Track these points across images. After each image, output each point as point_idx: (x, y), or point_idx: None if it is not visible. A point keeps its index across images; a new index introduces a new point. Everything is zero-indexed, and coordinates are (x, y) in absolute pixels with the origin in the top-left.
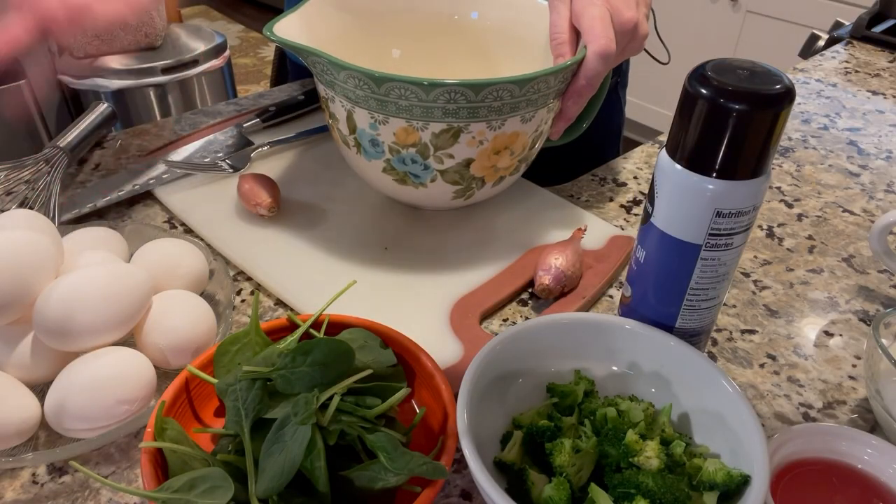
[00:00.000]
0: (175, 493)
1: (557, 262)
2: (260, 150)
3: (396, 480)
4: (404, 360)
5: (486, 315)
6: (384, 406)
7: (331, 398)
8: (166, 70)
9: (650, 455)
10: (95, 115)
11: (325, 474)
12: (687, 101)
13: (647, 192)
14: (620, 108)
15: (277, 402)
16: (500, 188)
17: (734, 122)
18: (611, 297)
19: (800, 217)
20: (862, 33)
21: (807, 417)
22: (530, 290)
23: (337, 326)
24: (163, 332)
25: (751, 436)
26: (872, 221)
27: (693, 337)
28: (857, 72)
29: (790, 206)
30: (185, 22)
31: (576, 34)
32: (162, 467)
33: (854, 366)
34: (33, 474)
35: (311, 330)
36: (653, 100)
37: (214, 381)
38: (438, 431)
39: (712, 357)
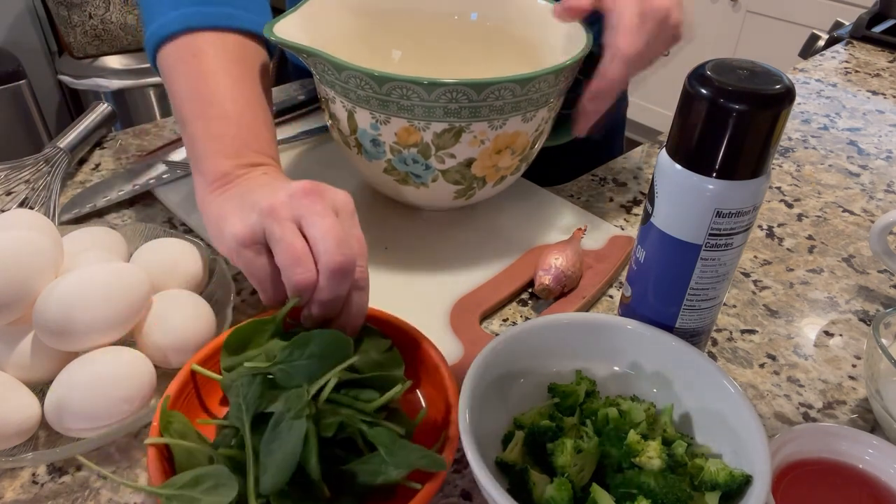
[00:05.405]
0: (179, 489)
1: (557, 262)
2: None
3: (397, 474)
4: (407, 348)
5: (486, 315)
6: (381, 400)
7: (324, 387)
8: None
9: (652, 455)
10: (95, 115)
11: (315, 458)
12: (687, 101)
13: (647, 192)
14: (625, 97)
15: (279, 395)
16: (500, 188)
17: (734, 122)
18: (611, 297)
19: (800, 217)
20: (862, 33)
21: (807, 417)
22: (530, 290)
23: None
24: (163, 332)
25: (752, 436)
26: (872, 221)
27: (693, 337)
28: (857, 72)
29: (790, 206)
30: None
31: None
32: (168, 460)
33: (854, 366)
34: (33, 474)
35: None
36: (653, 100)
37: (219, 377)
38: (442, 423)
39: (712, 357)
